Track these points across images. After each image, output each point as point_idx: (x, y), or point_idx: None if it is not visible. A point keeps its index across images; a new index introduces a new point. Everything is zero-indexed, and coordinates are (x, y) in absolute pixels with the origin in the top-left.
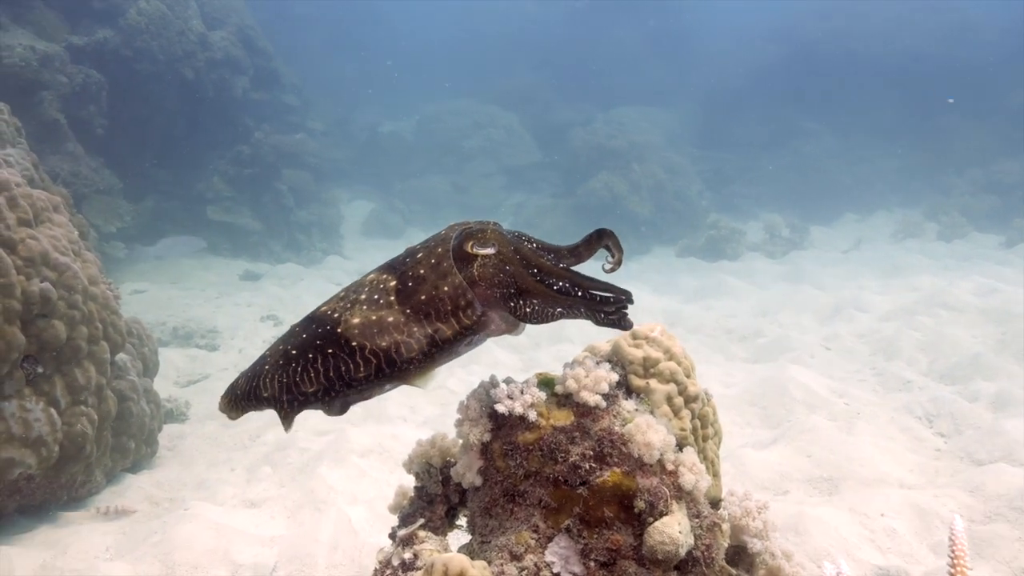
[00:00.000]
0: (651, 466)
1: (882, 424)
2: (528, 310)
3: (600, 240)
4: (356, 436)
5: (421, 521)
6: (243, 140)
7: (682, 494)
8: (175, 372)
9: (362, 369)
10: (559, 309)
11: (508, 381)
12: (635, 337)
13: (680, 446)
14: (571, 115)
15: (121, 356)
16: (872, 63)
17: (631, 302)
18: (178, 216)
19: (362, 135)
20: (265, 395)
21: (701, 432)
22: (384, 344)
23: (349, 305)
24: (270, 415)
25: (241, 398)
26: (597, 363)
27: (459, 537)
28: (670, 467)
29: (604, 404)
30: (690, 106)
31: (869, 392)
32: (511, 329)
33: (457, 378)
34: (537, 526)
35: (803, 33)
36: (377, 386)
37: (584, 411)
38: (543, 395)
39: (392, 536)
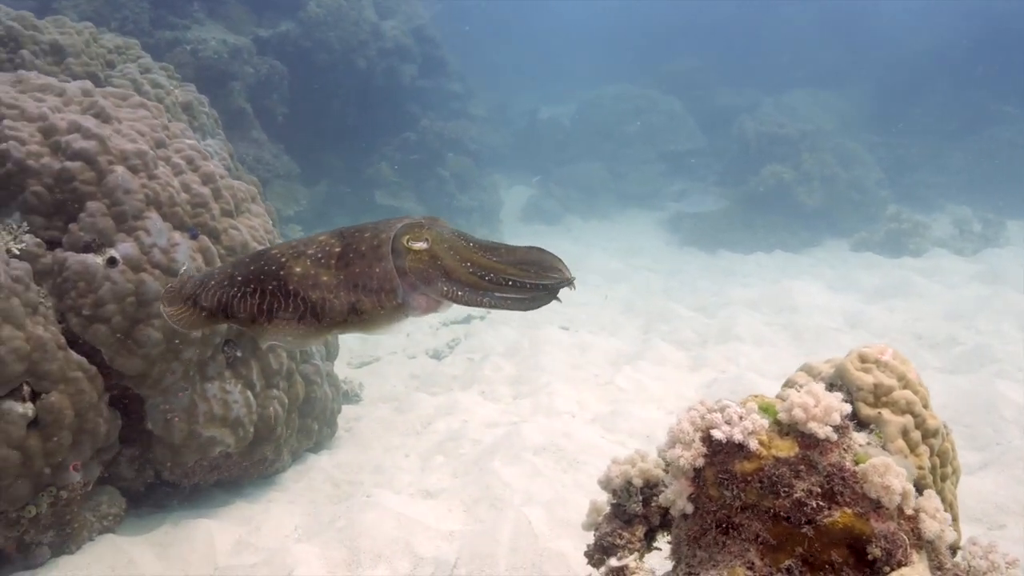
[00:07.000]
0: (888, 509)
1: None
2: (459, 293)
3: (538, 253)
4: (528, 432)
5: (635, 555)
6: (409, 127)
7: (922, 543)
8: (349, 354)
9: (290, 311)
10: (487, 297)
11: (722, 406)
12: (863, 360)
13: (919, 488)
14: (737, 100)
15: None
16: None
17: (567, 285)
18: (348, 200)
19: (521, 121)
20: (203, 304)
21: (939, 471)
22: (314, 296)
23: (297, 255)
24: (438, 405)
25: (184, 296)
26: (828, 387)
27: (657, 561)
28: (909, 512)
29: (835, 437)
30: (867, 88)
31: None
32: (434, 309)
33: (624, 375)
34: (753, 563)
35: (998, 5)
36: (300, 334)
37: (810, 443)
38: (765, 422)
39: (589, 556)
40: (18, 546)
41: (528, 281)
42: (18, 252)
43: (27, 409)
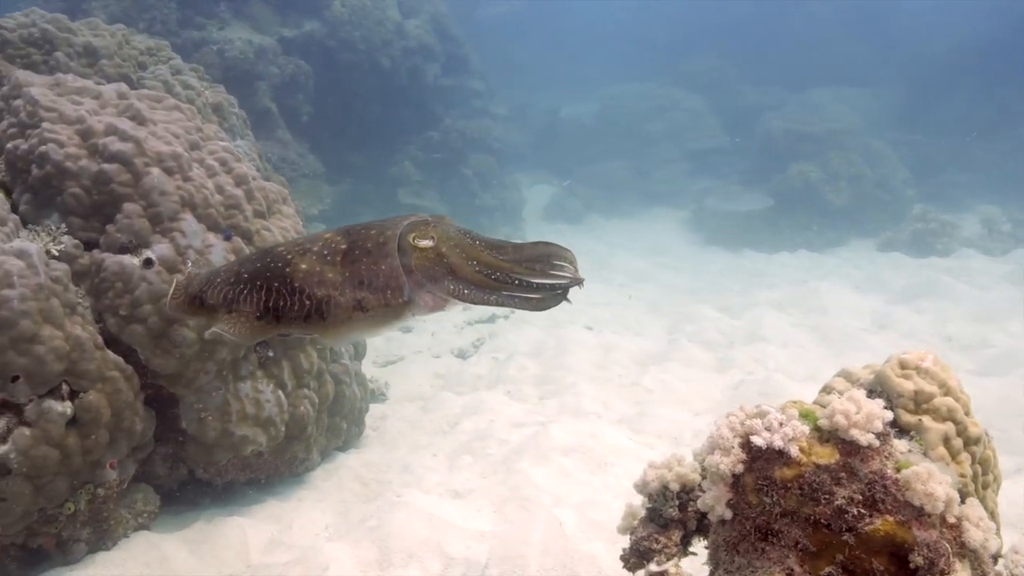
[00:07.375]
0: (930, 517)
1: None
2: (466, 291)
3: (545, 247)
4: (556, 432)
5: (674, 560)
6: (433, 126)
7: (965, 551)
8: (374, 352)
9: (296, 308)
10: (493, 296)
11: (762, 412)
12: (904, 366)
13: (961, 496)
14: (761, 98)
15: None
16: None
17: (575, 285)
18: (372, 199)
19: (542, 120)
20: (209, 302)
21: (981, 479)
22: (319, 294)
23: (302, 252)
24: (464, 404)
25: (190, 297)
26: (868, 394)
27: (694, 565)
28: (951, 520)
29: (877, 444)
30: (893, 86)
31: None
32: (440, 307)
33: (651, 375)
34: (792, 570)
35: (1021, 5)
36: (303, 328)
37: (851, 450)
38: (805, 429)
39: (625, 560)
40: (56, 542)
41: (535, 281)
42: (57, 253)
43: (66, 408)
